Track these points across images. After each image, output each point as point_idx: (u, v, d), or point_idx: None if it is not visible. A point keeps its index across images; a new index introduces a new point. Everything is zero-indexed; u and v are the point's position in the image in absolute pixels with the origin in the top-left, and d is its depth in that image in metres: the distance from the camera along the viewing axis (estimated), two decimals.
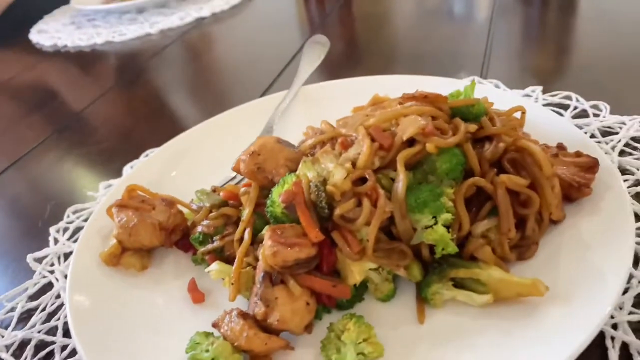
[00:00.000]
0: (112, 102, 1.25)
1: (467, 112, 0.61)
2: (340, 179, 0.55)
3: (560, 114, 0.83)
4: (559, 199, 0.59)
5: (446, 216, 0.54)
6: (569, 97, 0.87)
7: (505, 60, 1.06)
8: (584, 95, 0.86)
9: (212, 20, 1.61)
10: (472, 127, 0.59)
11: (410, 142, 0.58)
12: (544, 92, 0.90)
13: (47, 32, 1.78)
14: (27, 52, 1.69)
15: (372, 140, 0.58)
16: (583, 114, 0.83)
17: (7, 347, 0.66)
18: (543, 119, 0.73)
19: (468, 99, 0.61)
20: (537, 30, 1.18)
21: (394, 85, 0.83)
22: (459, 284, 0.55)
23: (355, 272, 0.54)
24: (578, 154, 0.64)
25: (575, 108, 0.85)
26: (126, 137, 1.08)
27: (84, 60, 1.53)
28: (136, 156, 0.97)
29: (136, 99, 1.25)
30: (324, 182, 0.56)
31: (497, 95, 0.76)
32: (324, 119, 0.73)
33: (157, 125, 1.11)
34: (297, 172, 0.59)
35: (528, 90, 0.91)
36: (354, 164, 0.57)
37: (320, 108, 0.86)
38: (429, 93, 0.61)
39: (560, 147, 0.66)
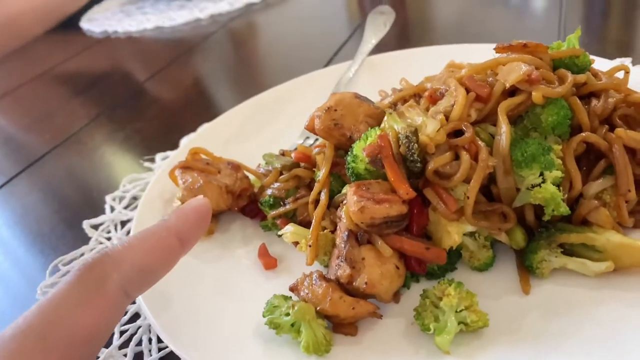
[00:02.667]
0: (164, 83, 1.23)
1: (571, 64, 0.55)
2: (434, 130, 0.49)
3: None
4: None
5: (556, 173, 0.47)
6: None
7: (584, 34, 0.98)
8: None
9: (262, 5, 1.57)
10: (581, 77, 0.53)
11: (510, 93, 0.52)
12: (633, 64, 0.83)
13: (97, 20, 1.78)
14: (78, 38, 1.69)
15: (467, 90, 0.52)
16: None
17: None
18: None
19: (573, 49, 0.55)
20: (614, 6, 1.10)
21: (470, 54, 0.77)
22: (568, 251, 0.49)
23: (453, 232, 0.48)
24: None
25: None
26: (180, 114, 1.05)
27: (134, 45, 1.52)
28: (192, 131, 0.94)
29: (187, 80, 1.23)
30: (415, 133, 0.50)
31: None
32: (399, 82, 0.67)
33: (210, 104, 1.08)
34: (382, 126, 0.54)
35: (616, 62, 0.83)
36: (446, 117, 0.52)
37: (388, 78, 0.80)
38: (528, 42, 0.55)
39: None
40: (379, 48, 0.97)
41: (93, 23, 1.76)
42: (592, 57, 0.74)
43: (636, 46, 0.91)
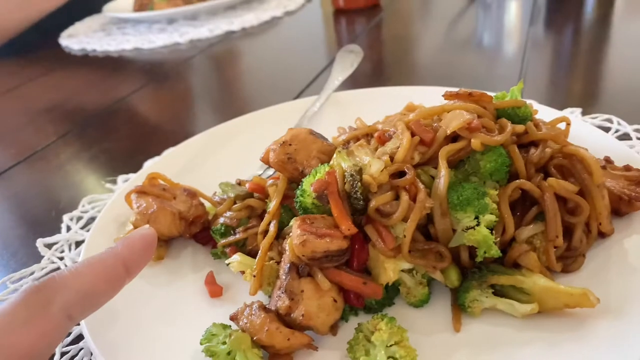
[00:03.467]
0: (137, 103, 1.24)
1: (513, 114, 0.58)
2: (378, 170, 0.52)
3: None
4: (608, 210, 0.55)
5: (490, 217, 0.50)
6: (609, 120, 0.84)
7: (541, 84, 1.03)
8: (624, 119, 0.83)
9: (242, 34, 1.61)
10: (520, 127, 0.56)
11: (453, 139, 0.55)
12: (583, 114, 0.87)
13: (77, 37, 1.80)
14: (56, 54, 1.71)
15: (412, 134, 0.55)
16: (625, 137, 0.80)
17: None
18: (587, 134, 0.69)
19: (515, 100, 0.58)
20: (572, 58, 1.16)
21: (428, 96, 0.80)
22: (499, 292, 0.51)
23: (390, 269, 0.50)
24: (627, 168, 0.60)
25: (617, 131, 0.81)
26: (148, 137, 1.06)
27: (111, 64, 1.54)
28: (157, 154, 0.95)
29: (161, 102, 1.24)
30: (360, 172, 0.52)
31: (539, 109, 0.73)
32: (355, 121, 0.70)
33: (180, 127, 1.09)
34: (331, 163, 0.56)
35: (567, 111, 0.88)
36: (391, 158, 0.54)
37: (351, 114, 0.83)
38: (474, 91, 0.58)
39: (608, 160, 0.62)
40: (350, 83, 1.01)
41: (72, 40, 1.77)
42: (540, 106, 0.79)
43: (588, 97, 0.96)
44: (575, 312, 0.48)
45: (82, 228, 0.78)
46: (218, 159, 0.80)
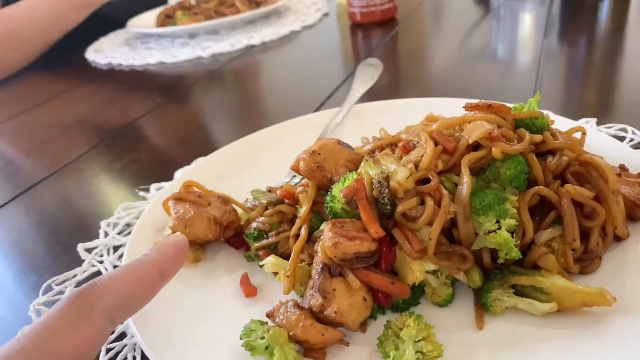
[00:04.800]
0: (163, 115, 1.29)
1: (530, 124, 0.61)
2: (404, 177, 0.55)
3: None
4: (623, 215, 0.58)
5: (510, 221, 0.53)
6: (624, 130, 0.87)
7: (557, 95, 1.06)
8: (637, 128, 0.86)
9: (262, 48, 1.66)
10: (538, 137, 0.59)
11: (474, 148, 0.58)
12: (597, 124, 0.90)
13: (102, 52, 1.86)
14: (83, 69, 1.77)
15: (435, 143, 0.58)
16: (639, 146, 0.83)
17: None
18: (602, 143, 0.72)
19: (533, 111, 0.61)
20: (586, 69, 1.19)
21: (447, 107, 0.84)
22: (519, 292, 0.54)
23: (416, 270, 0.53)
24: None
25: (632, 140, 0.84)
26: (175, 147, 1.10)
27: (137, 78, 1.60)
28: (186, 164, 0.99)
29: (186, 114, 1.29)
30: (387, 179, 0.56)
31: (555, 120, 0.76)
32: (379, 131, 0.74)
33: (206, 138, 1.14)
34: (359, 171, 0.59)
35: (582, 121, 0.91)
36: (416, 166, 0.58)
37: (372, 125, 0.87)
38: (493, 102, 0.61)
39: (623, 167, 0.65)
40: (368, 95, 1.05)
41: (98, 55, 1.84)
42: (556, 116, 0.82)
43: (603, 107, 0.99)
44: (592, 310, 0.51)
45: (118, 234, 0.83)
46: (247, 168, 0.85)
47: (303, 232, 0.61)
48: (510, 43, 1.44)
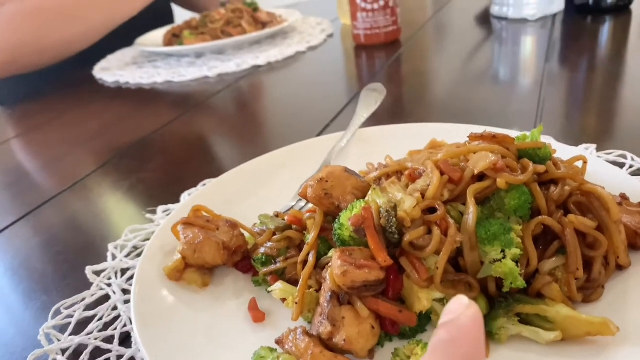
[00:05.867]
0: (170, 135, 1.31)
1: (533, 154, 0.63)
2: (411, 207, 0.57)
3: None
4: (625, 244, 0.59)
5: (515, 251, 0.54)
6: (624, 156, 0.88)
7: (558, 120, 1.08)
8: (638, 155, 0.88)
9: (268, 69, 1.69)
10: (541, 167, 0.60)
11: (479, 178, 0.60)
12: (597, 150, 0.92)
13: (110, 70, 1.89)
14: (90, 87, 1.80)
15: (441, 173, 0.60)
16: (639, 172, 0.84)
17: (63, 351, 0.67)
18: (602, 171, 0.74)
19: (536, 142, 0.63)
20: (587, 94, 1.21)
21: (450, 133, 0.86)
22: (524, 320, 0.55)
23: (423, 299, 0.54)
24: None
25: (631, 166, 0.86)
26: (182, 167, 1.12)
27: (144, 97, 1.62)
28: (193, 185, 1.01)
29: (193, 134, 1.31)
30: (395, 208, 0.57)
31: (556, 147, 0.78)
32: (384, 157, 0.75)
33: (213, 159, 1.16)
34: (366, 199, 0.61)
35: (582, 147, 0.93)
36: (422, 195, 0.59)
37: (376, 150, 0.89)
38: (498, 133, 0.63)
39: (624, 197, 0.66)
40: (372, 118, 1.07)
41: (106, 73, 1.87)
42: (557, 144, 0.84)
43: (603, 133, 1.00)
44: (596, 339, 0.52)
45: (126, 256, 0.84)
46: (254, 191, 0.86)
47: (311, 258, 0.62)
48: (512, 66, 1.47)
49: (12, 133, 1.49)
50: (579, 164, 0.69)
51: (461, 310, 0.30)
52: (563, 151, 0.80)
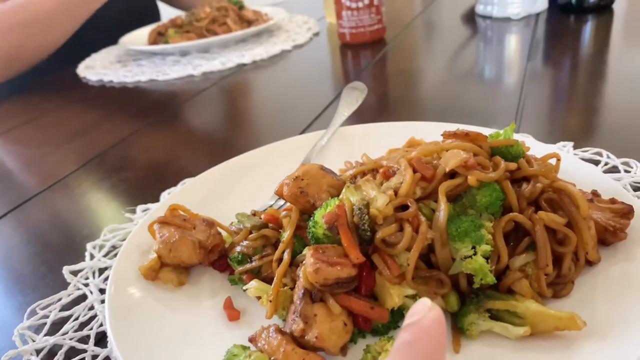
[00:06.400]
0: (152, 134, 1.30)
1: (506, 152, 0.64)
2: (383, 204, 0.57)
3: None
4: (594, 240, 0.60)
5: (485, 247, 0.55)
6: (599, 154, 0.89)
7: (537, 118, 1.09)
8: (615, 153, 0.89)
9: (253, 67, 1.69)
10: (512, 165, 0.61)
11: (451, 175, 0.60)
12: (574, 148, 0.93)
13: (94, 69, 1.88)
14: (74, 86, 1.79)
15: (414, 171, 0.60)
16: (614, 170, 0.85)
17: (38, 352, 0.67)
18: (576, 168, 0.75)
19: (508, 139, 0.64)
20: (568, 93, 1.22)
21: (429, 131, 0.86)
22: (495, 316, 0.55)
23: (395, 295, 0.55)
24: (613, 201, 0.65)
25: (606, 164, 0.87)
26: (163, 167, 1.12)
27: (127, 95, 1.61)
28: (174, 184, 1.01)
29: (176, 133, 1.30)
30: (367, 206, 0.58)
31: (532, 145, 0.79)
32: (361, 156, 0.76)
33: (195, 158, 1.15)
34: (340, 197, 0.61)
35: (559, 145, 0.94)
36: (395, 193, 0.59)
37: (356, 148, 0.89)
38: (470, 131, 0.64)
39: (595, 193, 0.67)
40: (356, 117, 1.07)
41: (90, 71, 1.85)
42: (534, 141, 0.85)
43: (581, 131, 1.01)
44: (564, 334, 0.52)
45: (104, 256, 0.83)
46: (233, 190, 0.86)
47: (286, 256, 0.63)
48: (495, 65, 1.48)
49: None
50: (553, 161, 0.70)
51: (424, 312, 0.31)
52: (539, 148, 0.80)
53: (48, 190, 1.08)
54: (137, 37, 2.03)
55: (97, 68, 1.88)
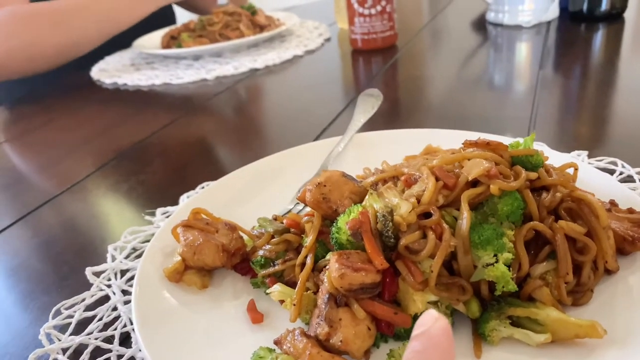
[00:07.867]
0: (168, 137, 1.32)
1: (526, 161, 0.65)
2: (407, 211, 0.58)
3: None
4: (613, 249, 0.61)
5: (507, 255, 0.56)
6: (614, 163, 0.90)
7: (551, 126, 1.10)
8: (628, 162, 0.90)
9: (265, 72, 1.71)
10: (533, 174, 0.62)
11: (473, 184, 0.62)
12: (589, 157, 0.94)
13: (108, 72, 1.90)
14: (89, 88, 1.81)
15: (437, 179, 0.62)
16: (629, 179, 0.86)
17: (64, 351, 0.68)
18: (593, 177, 0.76)
19: (528, 149, 0.65)
20: (580, 101, 1.23)
21: (445, 138, 0.88)
22: (515, 323, 0.57)
23: (418, 301, 0.56)
24: (631, 211, 0.66)
25: (621, 173, 0.88)
26: (180, 170, 1.13)
27: (142, 99, 1.63)
28: (190, 187, 1.02)
29: (191, 137, 1.32)
30: (391, 213, 0.59)
31: (549, 154, 0.80)
32: (381, 162, 0.77)
33: (211, 162, 1.17)
34: (364, 204, 0.62)
35: (574, 154, 0.95)
36: (418, 200, 0.61)
37: (372, 155, 0.91)
38: (491, 140, 0.65)
39: (613, 203, 0.68)
40: (368, 123, 1.08)
41: (104, 74, 1.87)
42: (550, 150, 0.86)
43: (595, 140, 1.02)
44: (584, 342, 0.53)
45: (125, 258, 0.85)
46: (253, 194, 0.87)
47: (309, 261, 0.64)
48: (507, 72, 1.49)
49: (9, 135, 1.49)
50: (570, 170, 0.71)
51: (431, 323, 0.32)
52: (555, 158, 0.82)
53: (67, 193, 1.10)
54: (150, 41, 2.05)
55: (111, 71, 1.90)
